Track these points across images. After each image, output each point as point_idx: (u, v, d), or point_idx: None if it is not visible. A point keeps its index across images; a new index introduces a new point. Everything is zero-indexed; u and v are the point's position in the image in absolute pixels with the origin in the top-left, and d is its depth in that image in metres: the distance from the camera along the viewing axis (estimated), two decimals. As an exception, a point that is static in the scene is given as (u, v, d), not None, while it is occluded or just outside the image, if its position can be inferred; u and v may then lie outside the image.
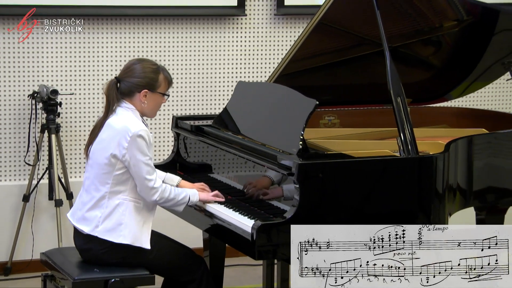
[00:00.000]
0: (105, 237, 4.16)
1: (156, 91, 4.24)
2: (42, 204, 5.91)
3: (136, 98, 4.22)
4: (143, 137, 4.11)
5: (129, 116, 4.18)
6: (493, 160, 4.62)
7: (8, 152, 5.88)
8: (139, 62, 4.29)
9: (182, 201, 4.22)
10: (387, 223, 4.08)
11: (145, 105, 4.23)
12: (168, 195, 4.17)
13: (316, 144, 4.55)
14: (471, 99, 6.52)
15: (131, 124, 4.13)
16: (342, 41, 4.89)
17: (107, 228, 4.17)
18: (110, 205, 4.18)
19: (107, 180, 4.17)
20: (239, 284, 5.72)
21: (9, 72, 5.83)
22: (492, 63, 5.14)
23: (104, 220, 4.18)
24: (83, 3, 5.82)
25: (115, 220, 4.17)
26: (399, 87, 4.30)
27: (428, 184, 4.15)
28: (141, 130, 4.12)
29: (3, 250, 5.89)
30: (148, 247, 4.17)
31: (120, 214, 4.17)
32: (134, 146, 4.10)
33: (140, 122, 4.18)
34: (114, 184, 4.17)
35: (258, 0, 6.20)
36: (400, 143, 4.21)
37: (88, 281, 4.19)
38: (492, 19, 5.00)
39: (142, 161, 4.11)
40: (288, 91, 4.42)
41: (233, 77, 6.22)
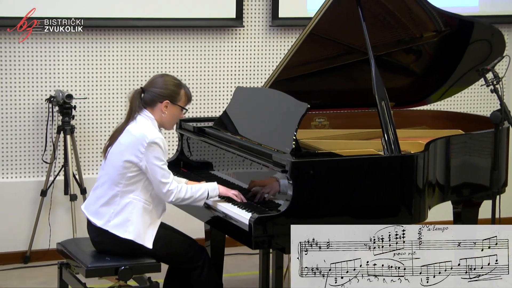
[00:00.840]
0: (114, 231, 4.16)
1: (176, 103, 4.24)
2: (58, 199, 5.91)
3: (157, 108, 4.22)
4: (158, 144, 4.11)
5: (147, 124, 4.18)
6: (468, 158, 4.62)
7: (27, 151, 5.88)
8: (163, 76, 4.32)
9: (200, 197, 4.19)
10: (372, 216, 4.09)
11: (164, 116, 4.23)
12: (184, 195, 4.16)
13: (308, 143, 4.55)
14: (448, 102, 6.52)
15: (148, 132, 4.13)
16: (331, 50, 4.89)
17: (116, 224, 4.18)
18: (121, 203, 4.18)
19: (120, 181, 4.17)
20: (237, 271, 5.72)
21: (28, 78, 5.83)
22: (467, 70, 5.14)
23: (115, 217, 4.18)
24: (96, 16, 5.81)
25: (124, 217, 4.17)
26: (383, 91, 4.31)
27: (409, 180, 4.16)
28: (157, 137, 4.12)
29: (22, 240, 5.89)
30: (150, 247, 4.16)
31: (129, 212, 4.17)
32: (150, 152, 4.10)
33: (156, 130, 4.17)
34: (126, 185, 4.17)
35: (255, 12, 6.20)
36: (384, 143, 4.21)
37: (100, 269, 4.19)
38: (467, 30, 5.00)
39: (157, 166, 4.11)
40: (282, 95, 4.42)
41: (231, 83, 6.22)
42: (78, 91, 5.91)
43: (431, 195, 4.33)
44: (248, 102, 4.73)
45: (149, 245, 4.17)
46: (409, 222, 4.16)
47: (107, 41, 5.94)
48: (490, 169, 4.49)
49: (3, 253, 5.86)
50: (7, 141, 5.84)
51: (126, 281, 4.22)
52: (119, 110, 6.01)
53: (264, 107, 4.55)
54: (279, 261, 4.50)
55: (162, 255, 4.25)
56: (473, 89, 6.36)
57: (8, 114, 5.82)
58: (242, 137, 4.52)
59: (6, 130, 5.82)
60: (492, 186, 4.36)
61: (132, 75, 6.02)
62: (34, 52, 5.81)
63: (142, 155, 4.10)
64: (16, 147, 5.86)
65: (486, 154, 4.64)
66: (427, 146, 4.28)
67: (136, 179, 4.16)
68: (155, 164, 4.10)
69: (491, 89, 4.30)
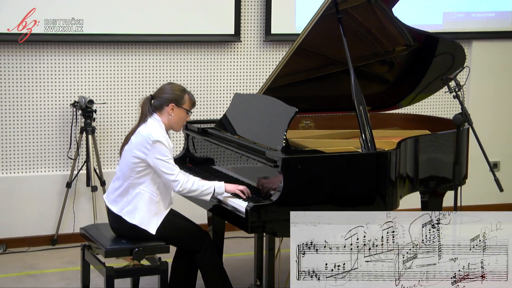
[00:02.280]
0: (125, 217, 4.18)
1: (181, 106, 4.23)
2: (81, 190, 5.89)
3: (164, 111, 4.21)
4: (162, 142, 4.10)
5: (155, 126, 4.17)
6: (434, 155, 4.61)
7: (54, 149, 5.87)
8: (169, 84, 4.31)
9: (207, 191, 4.15)
10: (352, 204, 4.08)
11: (171, 118, 4.22)
12: (191, 186, 4.13)
13: (296, 142, 4.54)
14: (417, 107, 6.52)
15: (153, 132, 4.12)
16: (316, 61, 4.88)
17: (127, 211, 4.19)
18: (132, 193, 4.18)
19: (131, 174, 4.17)
20: (235, 252, 5.71)
21: (55, 86, 5.81)
22: (433, 79, 5.13)
23: (127, 205, 4.19)
24: (113, 32, 5.81)
25: (133, 205, 4.17)
26: (361, 97, 4.30)
27: (383, 174, 4.15)
28: (161, 136, 4.11)
29: (51, 225, 5.87)
30: (153, 233, 4.16)
31: (137, 201, 4.17)
32: (155, 149, 4.09)
33: (162, 131, 4.16)
34: (136, 178, 4.16)
35: (250, 29, 6.19)
36: (362, 142, 4.20)
37: (117, 250, 4.19)
38: (433, 44, 5.00)
39: (161, 160, 4.10)
40: (274, 100, 4.41)
41: (230, 90, 6.21)
42: (98, 97, 5.90)
43: (402, 186, 4.32)
44: (245, 106, 4.72)
45: (152, 231, 4.16)
46: (383, 210, 4.15)
47: (123, 54, 5.93)
48: (452, 164, 4.48)
49: (34, 236, 5.85)
50: (38, 140, 5.82)
51: (140, 260, 4.22)
52: (133, 113, 6.00)
53: (259, 110, 4.54)
54: (272, 243, 4.50)
55: (171, 239, 4.24)
56: (438, 96, 6.35)
57: (38, 117, 5.80)
58: (239, 137, 4.51)
59: (37, 131, 5.81)
60: (454, 178, 4.35)
61: (145, 83, 6.01)
62: (61, 63, 5.80)
63: (148, 152, 4.10)
64: (45, 145, 5.85)
65: (449, 151, 4.63)
66: (399, 144, 4.28)
67: (144, 173, 4.15)
68: (160, 159, 4.09)
69: (453, 95, 4.30)
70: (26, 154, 5.82)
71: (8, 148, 5.78)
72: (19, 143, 5.79)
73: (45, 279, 5.18)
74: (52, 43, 5.73)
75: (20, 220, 5.82)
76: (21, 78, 5.75)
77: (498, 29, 6.73)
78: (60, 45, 5.76)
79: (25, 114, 5.78)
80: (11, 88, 5.73)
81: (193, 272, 4.39)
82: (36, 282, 5.13)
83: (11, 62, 5.71)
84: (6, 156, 5.78)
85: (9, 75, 5.72)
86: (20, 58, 5.72)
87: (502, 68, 6.83)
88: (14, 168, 5.81)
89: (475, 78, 6.70)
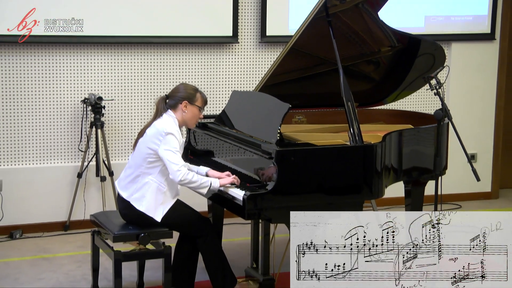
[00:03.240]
0: (133, 203, 4.18)
1: (194, 103, 4.21)
2: (91, 180, 5.87)
3: (178, 108, 4.20)
4: (174, 135, 4.10)
5: (169, 120, 4.17)
6: (416, 147, 4.60)
7: (66, 142, 5.84)
8: (182, 84, 4.31)
9: (204, 184, 4.13)
10: (341, 193, 4.06)
11: (185, 114, 4.20)
12: (191, 178, 4.11)
13: (289, 136, 4.53)
14: (401, 103, 6.50)
15: (167, 126, 4.12)
16: (308, 61, 4.86)
17: (136, 198, 4.17)
18: (142, 182, 4.17)
19: (142, 164, 4.16)
20: (233, 237, 5.70)
21: (67, 84, 5.79)
22: (415, 78, 5.12)
23: (136, 192, 4.18)
24: (119, 34, 5.78)
25: (141, 193, 4.16)
26: (349, 94, 4.28)
27: (370, 165, 4.14)
28: (174, 130, 4.11)
29: (63, 212, 5.85)
30: (158, 220, 4.15)
31: (145, 190, 4.15)
32: (166, 140, 4.09)
33: (175, 125, 4.14)
34: (147, 168, 4.15)
35: (247, 31, 6.17)
36: (350, 135, 4.19)
37: (124, 235, 4.18)
38: (415, 46, 4.99)
39: (169, 150, 4.08)
40: (269, 97, 4.40)
41: (229, 88, 6.19)
42: (106, 94, 5.88)
43: (387, 176, 4.31)
44: (242, 103, 4.70)
45: (157, 219, 4.15)
46: (370, 198, 4.15)
47: (129, 54, 5.91)
48: (433, 156, 4.47)
49: (48, 222, 5.83)
50: (51, 134, 5.80)
51: (145, 245, 4.21)
52: (138, 108, 5.98)
53: (255, 106, 4.53)
54: (267, 229, 4.50)
55: (175, 225, 4.23)
56: (420, 93, 6.34)
57: (51, 112, 5.78)
58: (237, 131, 4.50)
59: (50, 125, 5.79)
60: (435, 169, 4.34)
61: (150, 81, 5.99)
62: (73, 64, 5.78)
63: (160, 142, 4.08)
64: (57, 139, 5.82)
65: (430, 144, 4.62)
66: (384, 138, 4.26)
67: (154, 164, 4.14)
68: (169, 149, 4.08)
69: (434, 92, 4.28)
70: (41, 147, 5.80)
71: (25, 142, 5.76)
72: (34, 137, 5.77)
73: (58, 262, 5.17)
74: (65, 45, 5.71)
75: (35, 208, 5.80)
76: (37, 77, 5.72)
77: (475, 32, 6.73)
78: (72, 46, 5.73)
79: (40, 111, 5.76)
80: (28, 86, 5.71)
81: (195, 255, 4.37)
82: (49, 264, 5.12)
83: (27, 63, 5.68)
84: (23, 149, 5.76)
85: (26, 74, 5.69)
86: (35, 59, 5.69)
87: (479, 67, 6.83)
88: (30, 160, 5.79)
89: (454, 77, 6.70)
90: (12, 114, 5.71)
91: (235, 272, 4.40)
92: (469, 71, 6.79)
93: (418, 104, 6.72)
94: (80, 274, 4.91)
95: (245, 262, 4.95)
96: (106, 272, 4.78)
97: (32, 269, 5.02)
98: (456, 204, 6.74)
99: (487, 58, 6.83)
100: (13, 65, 5.66)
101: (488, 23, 6.73)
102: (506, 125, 7.05)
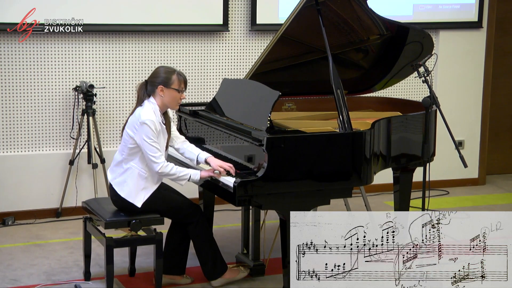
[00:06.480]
0: (115, 187, 4.20)
1: (170, 87, 4.18)
2: (82, 167, 5.86)
3: (156, 93, 4.18)
4: (147, 125, 4.07)
5: (148, 108, 4.14)
6: (405, 134, 4.61)
7: (58, 130, 5.82)
8: (158, 68, 4.26)
9: (183, 177, 4.12)
10: (330, 180, 4.06)
11: (163, 98, 4.18)
12: (169, 171, 4.10)
13: (279, 123, 4.52)
14: (389, 90, 6.49)
15: (143, 114, 4.10)
16: (298, 49, 4.85)
17: (118, 182, 4.20)
18: (124, 167, 4.20)
19: (124, 150, 4.18)
20: (224, 224, 5.70)
21: (59, 72, 5.76)
22: (404, 65, 5.12)
23: (119, 176, 4.21)
24: (111, 22, 5.76)
25: (123, 178, 4.18)
26: (339, 82, 4.28)
27: (359, 152, 4.14)
28: (147, 119, 4.07)
29: (55, 199, 5.84)
30: (139, 206, 4.14)
31: (127, 176, 4.17)
32: (141, 130, 4.08)
33: (151, 113, 4.11)
34: (128, 154, 4.17)
35: (237, 20, 6.15)
36: (339, 122, 4.19)
37: (116, 222, 4.18)
38: (404, 34, 4.99)
39: (146, 141, 4.07)
40: (259, 85, 4.39)
41: (219, 75, 6.17)
42: (98, 82, 5.86)
43: (376, 163, 4.31)
44: (233, 90, 4.69)
45: (138, 204, 4.15)
46: (359, 185, 4.15)
47: (120, 42, 5.88)
48: (421, 142, 4.47)
49: (40, 209, 5.81)
50: (43, 122, 5.77)
51: (137, 231, 4.22)
52: (130, 96, 5.96)
53: (245, 94, 4.52)
54: (257, 215, 4.51)
55: (166, 212, 4.23)
56: (408, 80, 6.34)
57: (43, 100, 5.76)
58: (227, 118, 4.49)
59: (42, 113, 5.76)
60: (423, 156, 4.35)
61: (140, 69, 5.97)
62: (64, 51, 5.75)
63: (136, 131, 4.09)
64: (49, 126, 5.80)
65: (419, 131, 4.63)
66: (373, 125, 4.27)
67: (134, 150, 4.15)
68: (144, 140, 4.08)
69: (422, 80, 4.28)
70: (33, 134, 5.77)
71: (17, 129, 5.73)
72: (26, 124, 5.75)
73: (50, 248, 5.16)
74: (56, 34, 5.66)
75: (27, 194, 5.78)
76: (29, 65, 5.69)
77: (462, 20, 6.73)
78: (63, 35, 5.70)
79: (32, 98, 5.73)
80: (20, 74, 5.68)
81: (186, 242, 4.38)
82: (42, 251, 5.11)
83: (19, 51, 5.65)
84: (15, 136, 5.73)
85: (18, 62, 5.66)
86: (27, 47, 5.66)
87: (466, 55, 6.84)
88: (22, 147, 5.76)
89: (442, 64, 6.70)
90: (4, 101, 5.68)
91: (226, 258, 4.41)
92: (457, 59, 6.80)
93: (407, 91, 6.73)
94: (72, 260, 4.91)
95: (236, 248, 4.95)
96: (98, 258, 4.77)
97: (24, 256, 5.01)
98: (444, 191, 6.76)
99: (474, 46, 6.83)
100: (5, 53, 5.63)
101: (475, 12, 6.73)
102: (493, 112, 7.06)
